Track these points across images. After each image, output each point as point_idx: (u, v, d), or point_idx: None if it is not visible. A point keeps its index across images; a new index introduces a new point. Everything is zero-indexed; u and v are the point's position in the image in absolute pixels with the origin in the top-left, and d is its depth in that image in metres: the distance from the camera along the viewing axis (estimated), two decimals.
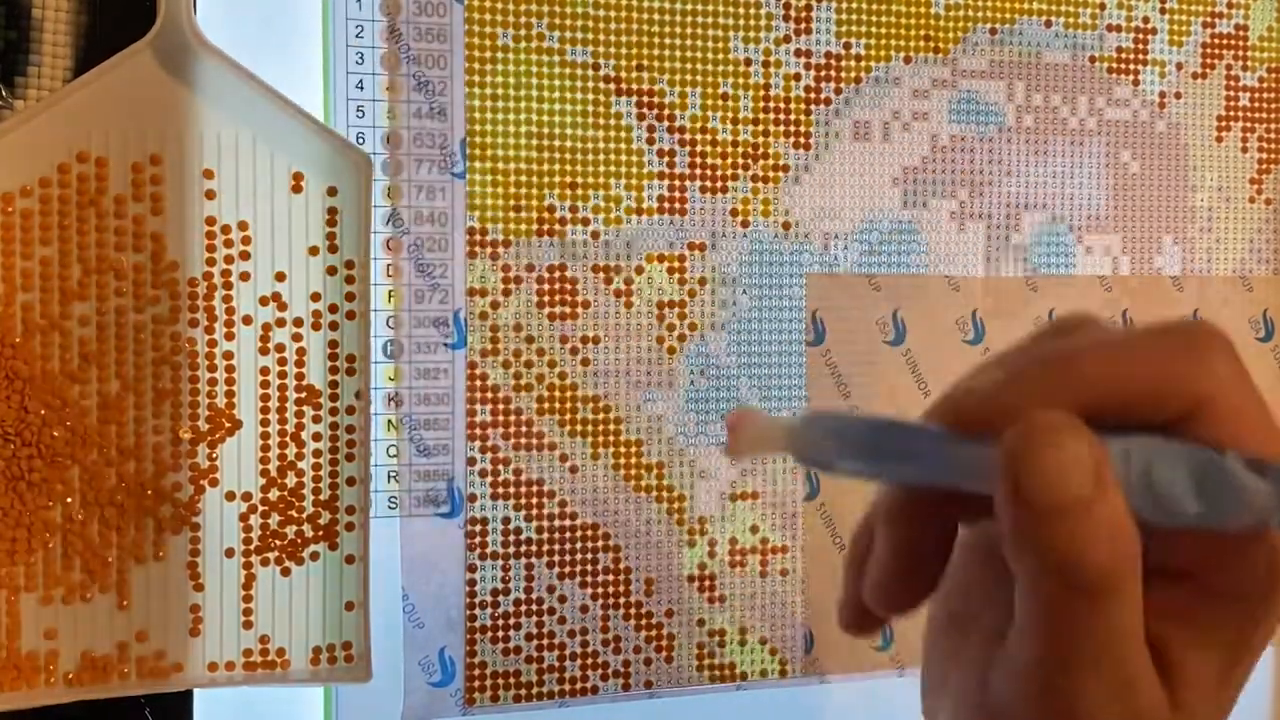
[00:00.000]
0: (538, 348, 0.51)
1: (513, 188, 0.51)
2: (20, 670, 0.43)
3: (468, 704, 0.51)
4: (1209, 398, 0.23)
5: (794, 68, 0.54)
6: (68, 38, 0.45)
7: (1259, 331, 0.62)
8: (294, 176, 0.46)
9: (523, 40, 0.50)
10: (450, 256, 0.50)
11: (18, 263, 0.43)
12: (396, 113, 0.49)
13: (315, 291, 0.47)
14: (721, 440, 0.54)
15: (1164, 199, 0.60)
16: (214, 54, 0.44)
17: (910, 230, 0.56)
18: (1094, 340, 0.24)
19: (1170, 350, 0.24)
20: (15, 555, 0.43)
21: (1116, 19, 0.59)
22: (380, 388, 0.49)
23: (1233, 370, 0.24)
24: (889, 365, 0.56)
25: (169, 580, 0.45)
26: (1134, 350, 0.24)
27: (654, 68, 0.52)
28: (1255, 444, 0.23)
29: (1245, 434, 0.23)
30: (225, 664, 0.46)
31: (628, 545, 0.53)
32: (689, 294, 0.53)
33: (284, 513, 0.46)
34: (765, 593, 0.54)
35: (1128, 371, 0.24)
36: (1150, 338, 0.24)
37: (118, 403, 0.44)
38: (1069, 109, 0.58)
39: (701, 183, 0.53)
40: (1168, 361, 0.23)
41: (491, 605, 0.51)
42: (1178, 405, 0.23)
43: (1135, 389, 0.23)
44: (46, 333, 0.44)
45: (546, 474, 0.51)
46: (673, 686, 0.53)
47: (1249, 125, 0.61)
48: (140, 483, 0.45)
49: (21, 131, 0.43)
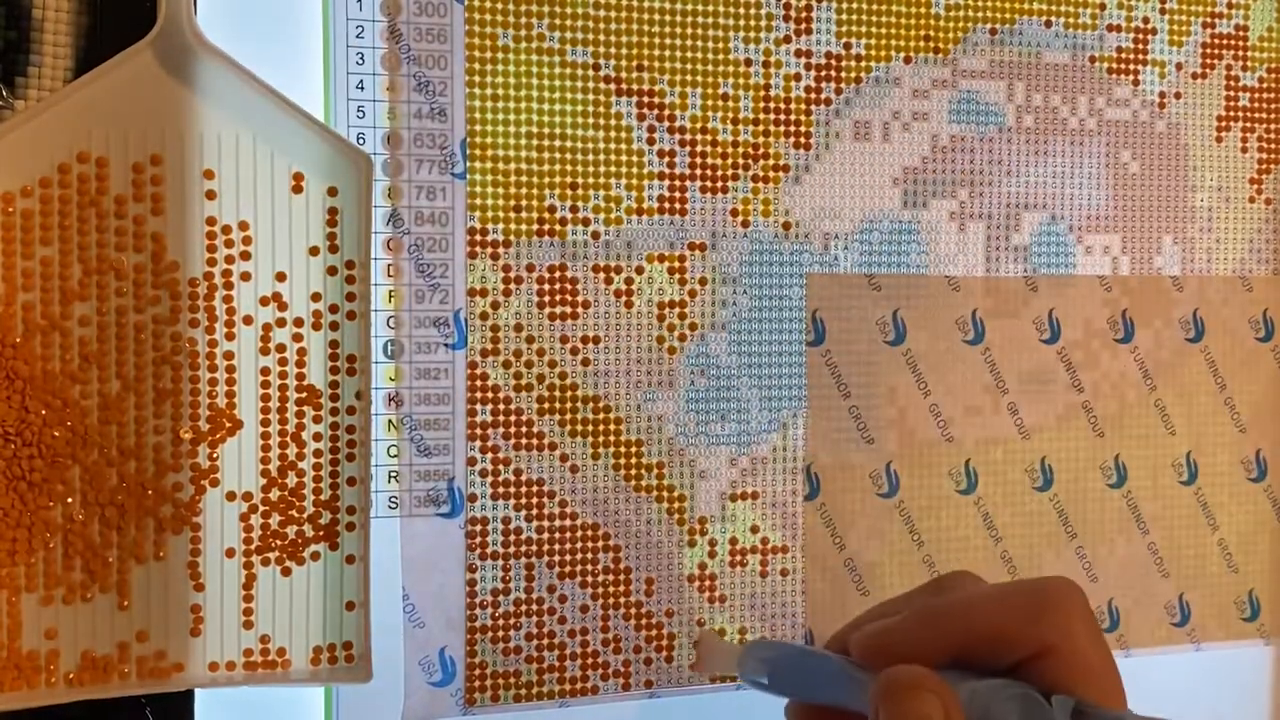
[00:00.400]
0: (538, 348, 0.51)
1: (513, 188, 0.51)
2: (21, 670, 0.43)
3: (468, 704, 0.51)
4: (1052, 646, 0.29)
5: (794, 68, 0.54)
6: (68, 38, 0.45)
7: (1259, 332, 0.62)
8: (294, 177, 0.46)
9: (523, 40, 0.50)
10: (451, 257, 0.50)
11: (18, 263, 0.43)
12: (397, 113, 0.49)
13: (316, 291, 0.47)
14: (721, 440, 0.54)
15: (1164, 199, 0.60)
16: (214, 54, 0.44)
17: (910, 230, 0.56)
18: (963, 599, 0.31)
19: (1022, 605, 0.30)
20: (16, 555, 0.44)
21: (1116, 19, 0.59)
22: (381, 388, 0.49)
23: (1078, 622, 0.29)
24: (889, 365, 0.56)
25: (169, 580, 0.45)
26: (992, 605, 0.30)
27: (654, 68, 0.52)
28: (1091, 687, 0.29)
29: (1081, 679, 0.29)
30: (226, 664, 0.46)
31: (628, 545, 0.53)
32: (689, 294, 0.53)
33: (284, 513, 0.46)
34: (765, 593, 0.54)
35: (985, 624, 0.30)
36: (1007, 594, 0.30)
37: (118, 403, 0.44)
38: (1069, 109, 0.58)
39: (702, 183, 0.53)
40: (1018, 615, 0.29)
41: (492, 605, 0.51)
42: (1025, 651, 0.29)
43: (991, 637, 0.29)
44: (47, 333, 0.44)
45: (547, 474, 0.51)
46: (673, 686, 0.53)
47: (1249, 125, 0.61)
48: (141, 483, 0.45)
49: (22, 132, 0.43)
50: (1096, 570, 0.60)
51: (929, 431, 0.57)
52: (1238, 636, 0.62)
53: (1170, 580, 0.61)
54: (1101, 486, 0.60)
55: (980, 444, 0.58)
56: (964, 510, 0.57)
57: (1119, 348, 0.60)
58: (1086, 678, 0.29)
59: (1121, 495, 0.60)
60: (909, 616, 0.31)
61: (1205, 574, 0.62)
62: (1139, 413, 0.60)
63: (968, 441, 0.57)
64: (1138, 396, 0.60)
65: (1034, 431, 0.58)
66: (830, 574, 0.55)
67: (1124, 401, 0.60)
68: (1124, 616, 0.60)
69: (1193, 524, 0.61)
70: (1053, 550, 0.59)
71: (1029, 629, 0.29)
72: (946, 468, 0.57)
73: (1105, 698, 0.29)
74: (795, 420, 0.55)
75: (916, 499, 0.57)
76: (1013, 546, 0.58)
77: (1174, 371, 0.61)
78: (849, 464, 0.56)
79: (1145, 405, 0.60)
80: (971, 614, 0.30)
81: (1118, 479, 0.60)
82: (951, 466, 0.57)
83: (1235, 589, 0.62)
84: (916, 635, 0.30)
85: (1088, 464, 0.59)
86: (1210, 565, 0.62)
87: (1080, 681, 0.29)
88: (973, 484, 0.57)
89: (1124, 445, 0.60)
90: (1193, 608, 0.61)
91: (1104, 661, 0.30)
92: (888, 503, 0.56)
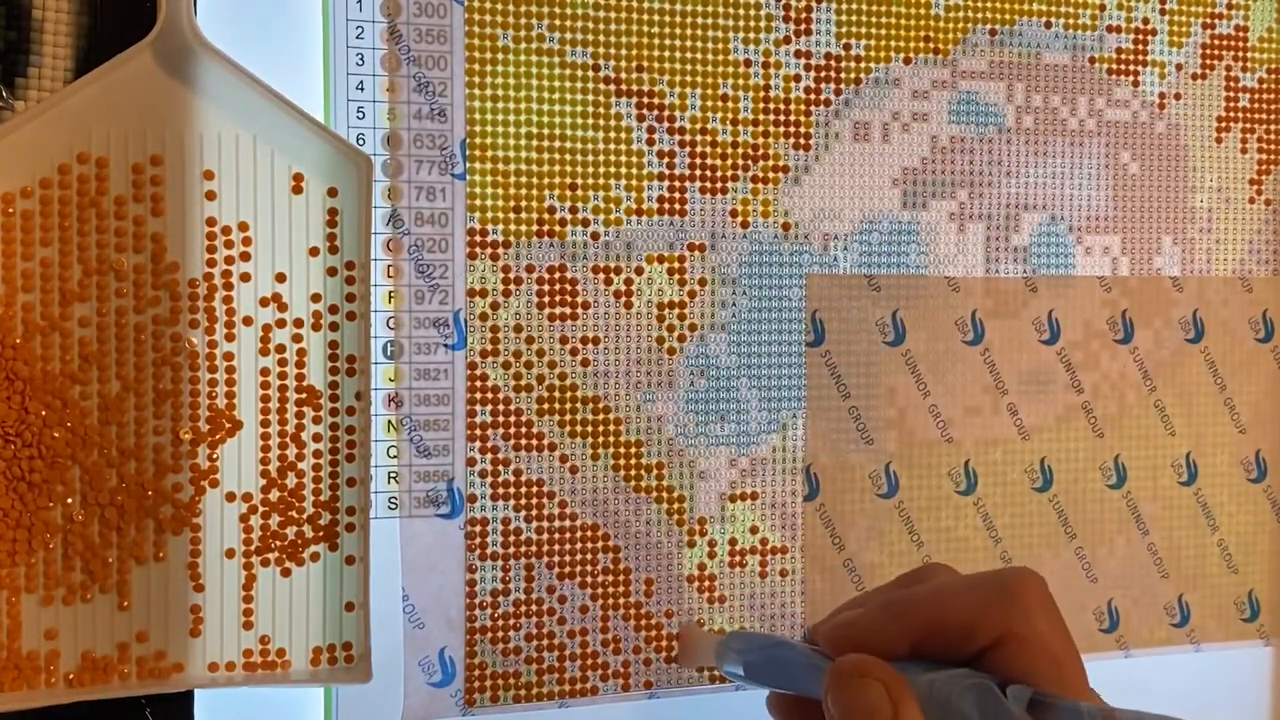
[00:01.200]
0: (538, 348, 0.51)
1: (513, 189, 0.51)
2: (21, 671, 0.43)
3: (467, 704, 0.51)
4: (1012, 634, 0.30)
5: (794, 69, 0.54)
6: (68, 38, 0.45)
7: (1258, 332, 0.62)
8: (294, 177, 0.46)
9: (523, 41, 0.50)
10: (450, 257, 0.50)
11: (18, 263, 0.43)
12: (397, 114, 0.49)
13: (316, 292, 0.47)
14: (721, 441, 0.54)
15: (1163, 200, 0.60)
16: (214, 55, 0.44)
17: (910, 231, 0.56)
18: (927, 589, 0.31)
19: (982, 595, 0.30)
20: (16, 556, 0.44)
21: (1116, 20, 0.59)
22: (380, 388, 0.49)
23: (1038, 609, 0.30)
24: (889, 366, 0.56)
25: (169, 581, 0.45)
26: (954, 596, 0.31)
27: (654, 69, 0.52)
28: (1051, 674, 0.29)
29: (1042, 666, 0.29)
30: (225, 664, 0.46)
31: (627, 546, 0.53)
32: (689, 295, 0.53)
33: (284, 513, 0.46)
34: (765, 593, 0.54)
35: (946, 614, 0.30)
36: (969, 584, 0.31)
37: (118, 403, 0.44)
38: (1069, 110, 0.58)
39: (701, 184, 0.53)
40: (978, 604, 0.30)
41: (491, 606, 0.51)
42: (986, 639, 0.30)
43: (953, 627, 0.30)
44: (47, 334, 0.44)
45: (546, 475, 0.51)
46: (672, 687, 0.53)
47: (1249, 126, 0.61)
48: (141, 483, 0.45)
49: (22, 132, 0.43)
50: (1096, 571, 0.60)
51: (928, 432, 0.57)
52: (1237, 637, 0.62)
53: (1170, 581, 0.61)
54: (1101, 487, 0.60)
55: (980, 445, 0.58)
56: (963, 511, 0.57)
57: (1119, 348, 0.60)
58: (1047, 665, 0.29)
59: (1121, 496, 0.60)
60: (872, 608, 0.31)
61: (1205, 574, 0.62)
62: (1138, 413, 0.60)
63: (967, 442, 0.57)
64: (1137, 397, 0.60)
65: (1033, 432, 0.58)
66: (829, 574, 0.55)
67: (1124, 402, 0.60)
68: (1123, 617, 0.60)
69: (1192, 524, 0.61)
70: (1052, 551, 0.59)
71: (989, 617, 0.30)
72: (946, 468, 0.57)
73: (1066, 684, 0.29)
74: (795, 421, 0.55)
75: (916, 500, 0.57)
76: (1012, 547, 0.58)
77: (1174, 372, 0.61)
78: (848, 465, 0.56)
79: (1145, 406, 0.60)
80: (933, 604, 0.31)
81: (1117, 479, 0.60)
82: (951, 467, 0.57)
83: (1235, 589, 0.62)
84: (878, 626, 0.31)
85: (1087, 465, 0.59)
86: (1210, 566, 0.62)
87: (1041, 669, 0.29)
88: (972, 484, 0.58)
89: (1124, 446, 0.60)
90: (1192, 608, 0.61)
91: (1064, 648, 0.30)
92: (887, 503, 0.56)
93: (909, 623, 0.31)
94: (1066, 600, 0.59)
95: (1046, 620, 0.30)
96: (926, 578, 0.33)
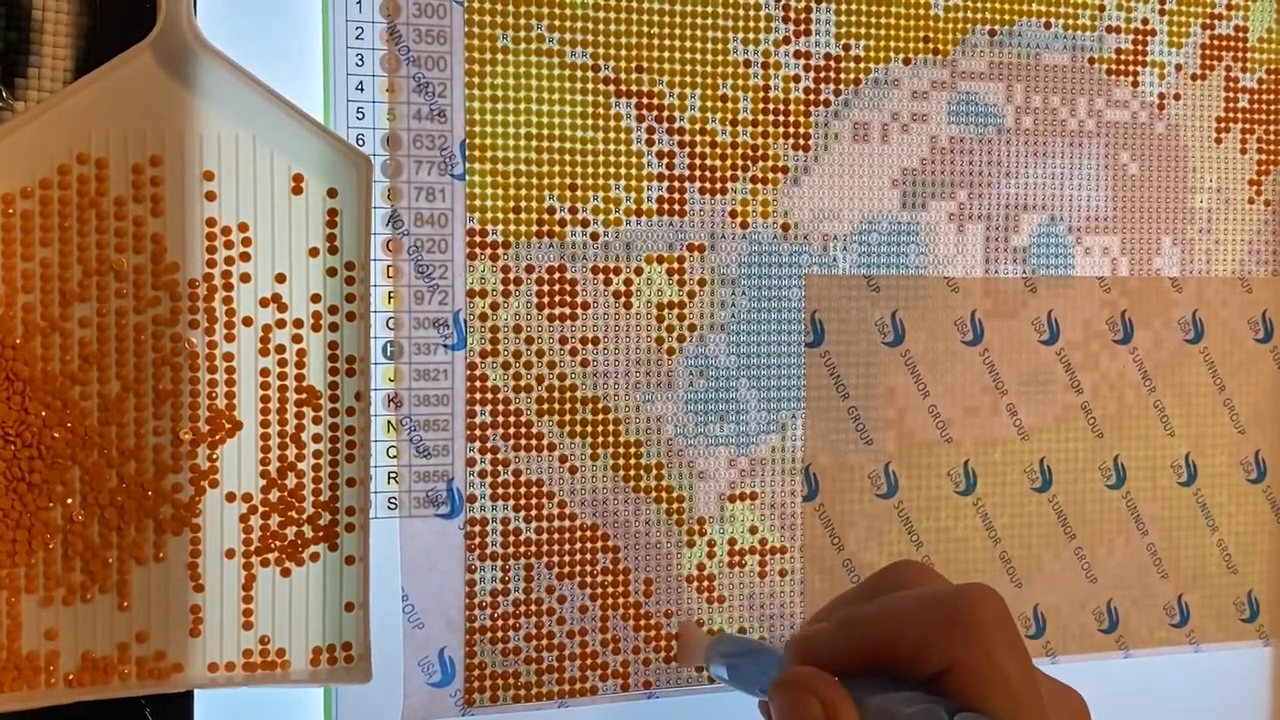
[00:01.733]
0: (537, 349, 0.51)
1: (512, 189, 0.51)
2: (21, 671, 0.43)
3: (467, 704, 0.51)
4: (959, 661, 0.29)
5: (793, 69, 0.54)
6: (68, 39, 0.45)
7: (1258, 333, 0.62)
8: (294, 178, 0.46)
9: (522, 42, 0.50)
10: (450, 258, 0.50)
11: (18, 264, 0.43)
12: (396, 114, 0.49)
13: (315, 293, 0.47)
14: (720, 441, 0.54)
15: (1163, 200, 0.60)
16: (214, 55, 0.44)
17: (909, 231, 0.56)
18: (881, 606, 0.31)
19: (932, 618, 0.29)
20: (16, 556, 0.44)
21: (1116, 20, 0.59)
22: (380, 389, 0.49)
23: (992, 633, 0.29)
24: (888, 366, 0.56)
25: (169, 581, 0.45)
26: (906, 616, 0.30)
27: (653, 69, 0.52)
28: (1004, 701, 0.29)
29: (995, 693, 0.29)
30: (225, 664, 0.46)
31: (627, 546, 0.53)
32: (688, 295, 0.53)
33: (284, 514, 0.46)
34: (764, 594, 0.55)
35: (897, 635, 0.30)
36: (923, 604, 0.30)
37: (118, 404, 0.44)
38: (1068, 110, 0.58)
39: (701, 184, 0.53)
40: (927, 628, 0.29)
41: (491, 606, 0.51)
42: (937, 665, 0.29)
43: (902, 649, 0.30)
44: (47, 334, 0.44)
45: (546, 475, 0.51)
46: (672, 686, 0.53)
47: (1248, 127, 0.61)
48: (141, 484, 0.45)
49: (22, 133, 0.43)
50: (1096, 571, 0.60)
51: (928, 432, 0.57)
52: (1237, 637, 0.62)
53: (1169, 581, 0.61)
54: (1100, 487, 0.60)
55: (979, 445, 0.58)
56: (963, 511, 0.58)
57: (1118, 349, 0.60)
58: (1000, 691, 0.29)
59: (1120, 496, 0.60)
60: (831, 624, 0.32)
61: (1204, 575, 0.62)
62: (1138, 414, 0.60)
63: (967, 442, 0.57)
64: (1137, 397, 0.60)
65: (1033, 432, 0.58)
66: (829, 575, 0.55)
67: (1123, 402, 0.60)
68: (1123, 617, 0.60)
69: (1192, 525, 0.61)
70: (1051, 551, 0.59)
71: (936, 642, 0.29)
72: (945, 468, 0.57)
73: (1020, 711, 0.29)
74: (794, 421, 0.55)
75: (915, 500, 0.57)
76: (1012, 547, 0.58)
77: (1173, 372, 0.61)
78: (848, 465, 0.56)
79: (1144, 406, 0.60)
80: (883, 623, 0.30)
81: (1117, 480, 0.60)
82: (950, 467, 0.57)
83: (1234, 590, 0.62)
84: (836, 642, 0.31)
85: (1087, 465, 0.59)
86: (1209, 566, 0.62)
87: (994, 695, 0.29)
88: (972, 485, 0.58)
89: (1123, 446, 0.60)
90: (1192, 609, 0.61)
91: (1020, 674, 0.29)
92: (886, 503, 0.56)
93: (860, 642, 0.31)
94: (1066, 600, 0.59)
95: (1002, 644, 0.29)
96: (891, 582, 0.33)
